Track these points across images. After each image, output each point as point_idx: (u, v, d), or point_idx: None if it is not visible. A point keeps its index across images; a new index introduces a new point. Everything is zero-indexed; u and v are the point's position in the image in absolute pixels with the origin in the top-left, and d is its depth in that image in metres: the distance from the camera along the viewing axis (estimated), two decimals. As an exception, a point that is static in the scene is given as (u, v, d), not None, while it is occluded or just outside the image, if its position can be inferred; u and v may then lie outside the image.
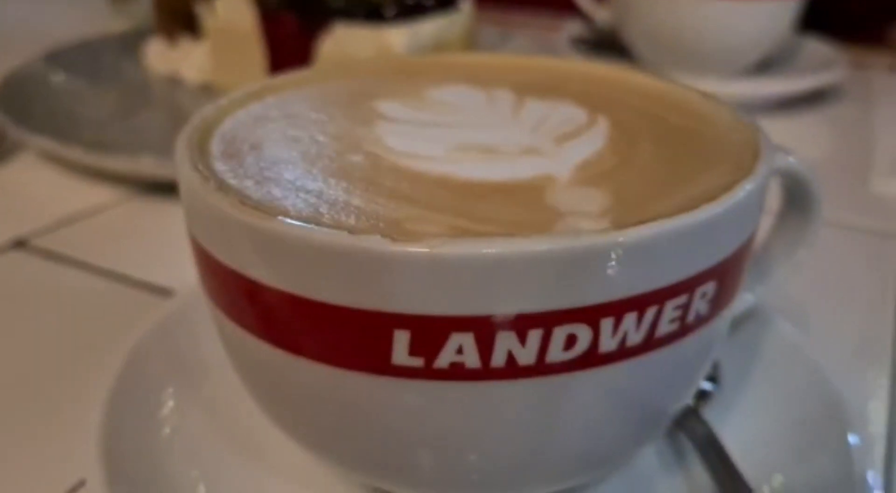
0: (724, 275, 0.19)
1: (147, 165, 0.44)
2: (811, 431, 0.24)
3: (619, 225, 0.17)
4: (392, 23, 0.49)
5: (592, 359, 0.17)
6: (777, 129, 0.64)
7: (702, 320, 0.19)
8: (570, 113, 0.24)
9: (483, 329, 0.16)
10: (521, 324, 0.16)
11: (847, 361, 0.34)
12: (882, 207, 0.48)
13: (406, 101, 0.25)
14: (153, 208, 0.47)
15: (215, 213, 0.18)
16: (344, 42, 0.50)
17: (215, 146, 0.21)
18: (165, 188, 0.47)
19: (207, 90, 0.63)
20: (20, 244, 0.42)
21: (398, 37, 0.48)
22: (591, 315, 0.17)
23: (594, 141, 0.22)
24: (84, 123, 0.55)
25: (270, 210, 0.17)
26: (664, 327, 0.18)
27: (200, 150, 0.21)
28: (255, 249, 0.18)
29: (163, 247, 0.42)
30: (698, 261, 0.18)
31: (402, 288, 0.16)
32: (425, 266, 0.16)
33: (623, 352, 0.17)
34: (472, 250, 0.16)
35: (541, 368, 0.17)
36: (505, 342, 0.17)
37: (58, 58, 0.65)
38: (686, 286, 0.18)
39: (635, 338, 0.17)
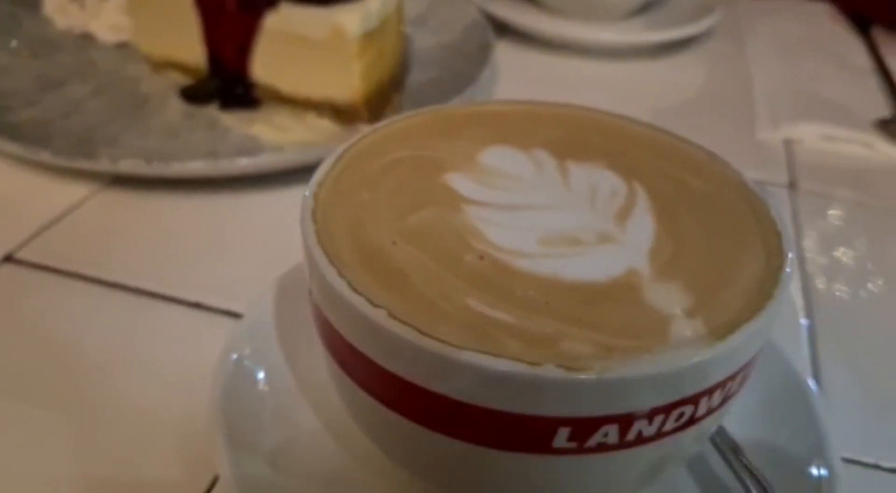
0: (764, 347, 0.24)
1: (128, 166, 0.44)
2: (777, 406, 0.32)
3: (715, 331, 0.22)
4: (339, 1, 0.49)
5: (690, 423, 0.23)
6: (657, 72, 0.71)
7: (748, 378, 0.25)
8: (609, 182, 0.28)
9: (625, 421, 0.21)
10: (652, 413, 0.21)
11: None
12: (767, 157, 0.56)
13: (468, 173, 0.28)
14: (124, 201, 0.46)
15: (393, 340, 0.21)
16: (292, 20, 0.50)
17: (347, 255, 0.24)
18: (129, 179, 0.47)
19: (125, 50, 0.61)
20: (8, 259, 0.41)
21: (351, 17, 0.48)
22: (696, 399, 0.22)
23: (645, 218, 0.26)
24: (13, 99, 0.53)
25: (445, 335, 0.21)
26: (732, 391, 0.23)
27: (335, 256, 0.24)
28: (433, 371, 0.21)
29: (148, 246, 0.43)
30: (760, 342, 0.23)
31: (570, 401, 0.21)
32: (591, 387, 0.20)
33: (708, 413, 0.23)
34: (628, 374, 0.20)
35: (657, 436, 0.22)
36: (638, 425, 0.22)
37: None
38: (749, 363, 0.23)
39: (715, 403, 0.23)
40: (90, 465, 0.31)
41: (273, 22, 0.51)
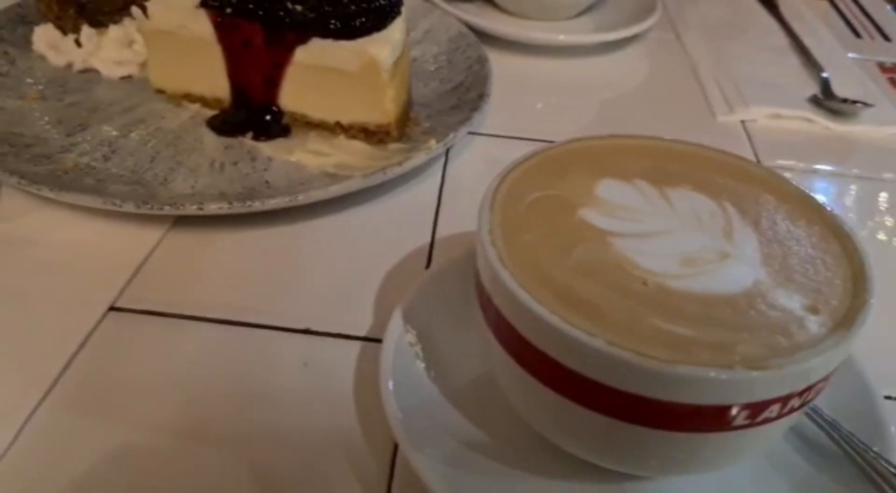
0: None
1: (213, 209, 0.46)
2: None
3: (841, 324, 0.28)
4: (364, 34, 0.52)
5: (819, 393, 0.29)
6: (610, 66, 0.77)
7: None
8: (704, 204, 0.34)
9: (785, 399, 0.28)
10: (803, 391, 0.28)
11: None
12: (732, 139, 0.64)
13: (595, 208, 0.33)
14: (194, 238, 0.48)
15: (613, 362, 0.26)
16: (322, 54, 0.52)
17: (539, 292, 0.29)
18: (194, 217, 0.49)
19: (132, 84, 0.61)
20: (111, 308, 0.43)
21: (381, 49, 0.51)
22: (828, 376, 0.28)
23: (745, 233, 0.32)
24: (46, 147, 0.53)
25: (654, 353, 0.26)
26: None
27: (535, 295, 0.28)
28: (648, 382, 0.27)
29: (230, 279, 0.46)
30: (863, 328, 0.30)
31: (752, 391, 0.27)
32: (771, 379, 0.26)
33: (827, 383, 0.30)
34: (796, 366, 0.26)
35: (800, 407, 0.29)
36: (792, 401, 0.28)
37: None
38: (854, 341, 0.30)
39: (833, 375, 0.30)
40: (277, 487, 0.35)
41: (302, 56, 0.53)
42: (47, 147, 0.53)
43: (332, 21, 0.52)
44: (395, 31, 0.53)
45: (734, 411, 0.27)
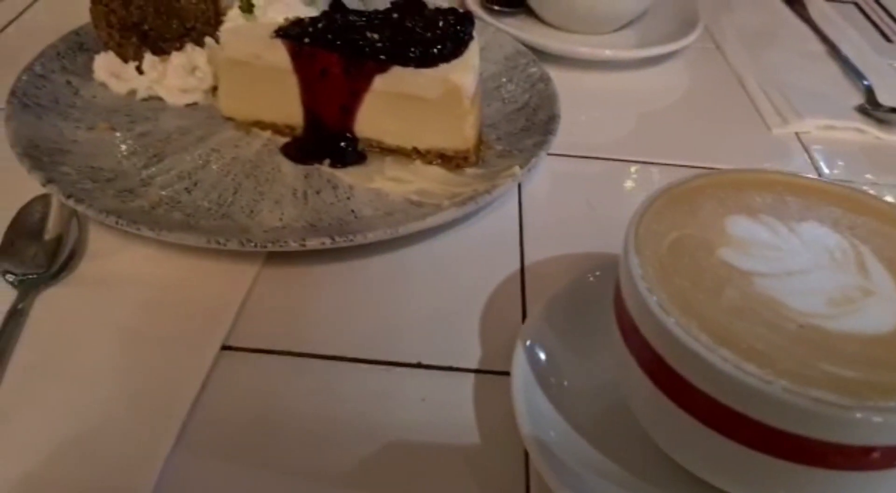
0: None
1: (315, 245, 0.46)
2: None
3: None
4: (443, 60, 0.52)
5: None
6: (654, 79, 0.77)
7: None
8: (831, 238, 0.35)
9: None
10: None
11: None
12: (789, 151, 0.65)
13: (731, 247, 0.34)
14: (286, 272, 0.49)
15: (792, 407, 0.27)
16: (402, 82, 0.53)
17: (700, 336, 0.30)
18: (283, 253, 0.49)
19: (199, 111, 0.61)
20: (225, 348, 0.43)
21: (463, 75, 0.52)
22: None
23: (877, 267, 0.33)
24: (126, 180, 0.53)
25: (831, 399, 0.27)
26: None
27: (703, 342, 0.29)
28: (825, 425, 0.28)
29: (331, 313, 0.46)
30: None
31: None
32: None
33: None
34: (964, 407, 0.28)
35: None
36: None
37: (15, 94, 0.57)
38: None
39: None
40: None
41: (381, 84, 0.53)
42: (128, 181, 0.53)
43: (412, 49, 0.52)
44: (473, 55, 0.54)
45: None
